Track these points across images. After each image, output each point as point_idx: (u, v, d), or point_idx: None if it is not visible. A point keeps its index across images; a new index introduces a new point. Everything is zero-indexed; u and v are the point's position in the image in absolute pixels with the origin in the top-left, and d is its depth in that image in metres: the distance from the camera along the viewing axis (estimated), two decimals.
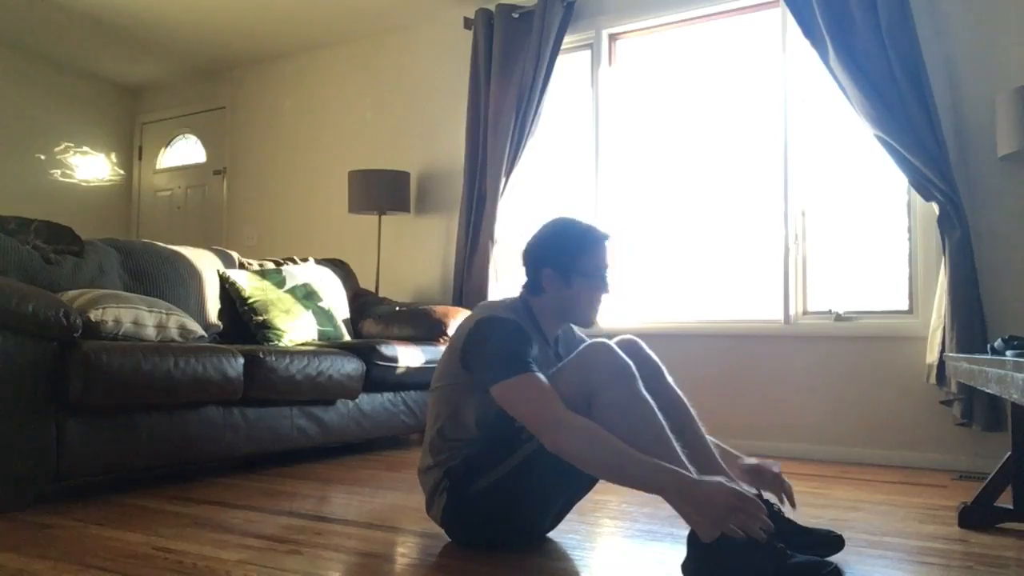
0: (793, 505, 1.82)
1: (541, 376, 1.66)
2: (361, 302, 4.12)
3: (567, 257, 1.85)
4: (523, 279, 1.94)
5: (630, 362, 1.69)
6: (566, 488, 1.82)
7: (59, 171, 5.57)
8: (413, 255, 4.69)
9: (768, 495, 1.84)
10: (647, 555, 1.85)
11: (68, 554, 1.72)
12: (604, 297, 1.91)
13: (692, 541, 1.55)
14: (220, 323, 3.42)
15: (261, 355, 2.85)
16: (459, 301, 4.22)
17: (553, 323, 1.93)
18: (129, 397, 2.41)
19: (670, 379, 1.91)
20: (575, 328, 2.05)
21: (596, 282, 1.88)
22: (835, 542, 1.77)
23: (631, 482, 1.59)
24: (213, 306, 3.42)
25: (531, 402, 1.63)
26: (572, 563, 1.76)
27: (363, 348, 3.30)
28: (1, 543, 1.82)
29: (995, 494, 2.11)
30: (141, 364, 2.42)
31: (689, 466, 1.58)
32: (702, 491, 1.51)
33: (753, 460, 1.89)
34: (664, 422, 1.63)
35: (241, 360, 2.76)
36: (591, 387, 1.65)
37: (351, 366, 3.18)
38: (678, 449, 1.60)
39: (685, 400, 1.89)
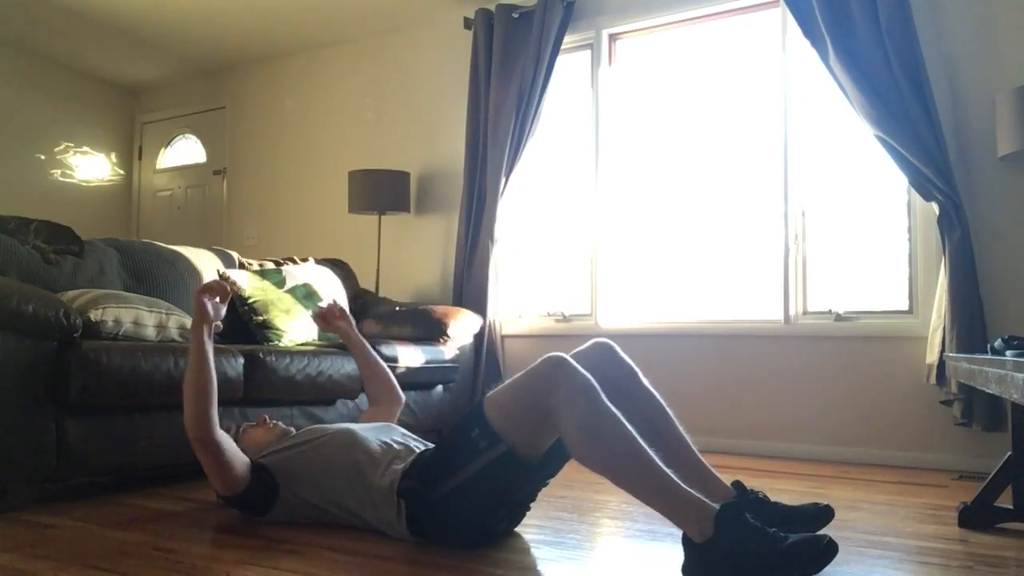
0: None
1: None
2: (361, 302, 4.11)
3: None
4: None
5: (588, 376, 1.64)
6: (524, 483, 1.82)
7: (59, 171, 5.57)
8: (413, 255, 4.69)
9: (754, 487, 1.84)
10: (647, 555, 1.85)
11: (68, 554, 1.72)
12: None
13: (687, 542, 1.54)
14: (220, 323, 3.40)
15: (261, 355, 2.85)
16: (459, 301, 4.22)
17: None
18: (129, 397, 2.41)
19: (646, 381, 1.91)
20: None
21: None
22: (824, 514, 1.78)
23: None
24: None
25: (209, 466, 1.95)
26: (572, 563, 1.76)
27: None
28: (1, 543, 1.82)
29: (995, 494, 2.11)
30: (141, 364, 2.42)
31: (668, 471, 1.57)
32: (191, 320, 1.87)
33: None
34: (634, 433, 1.59)
35: (241, 360, 2.76)
36: (548, 407, 1.62)
37: (351, 366, 3.18)
38: (654, 457, 1.57)
39: (662, 402, 1.90)
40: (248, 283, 3.49)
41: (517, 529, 1.98)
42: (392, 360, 3.34)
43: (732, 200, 3.85)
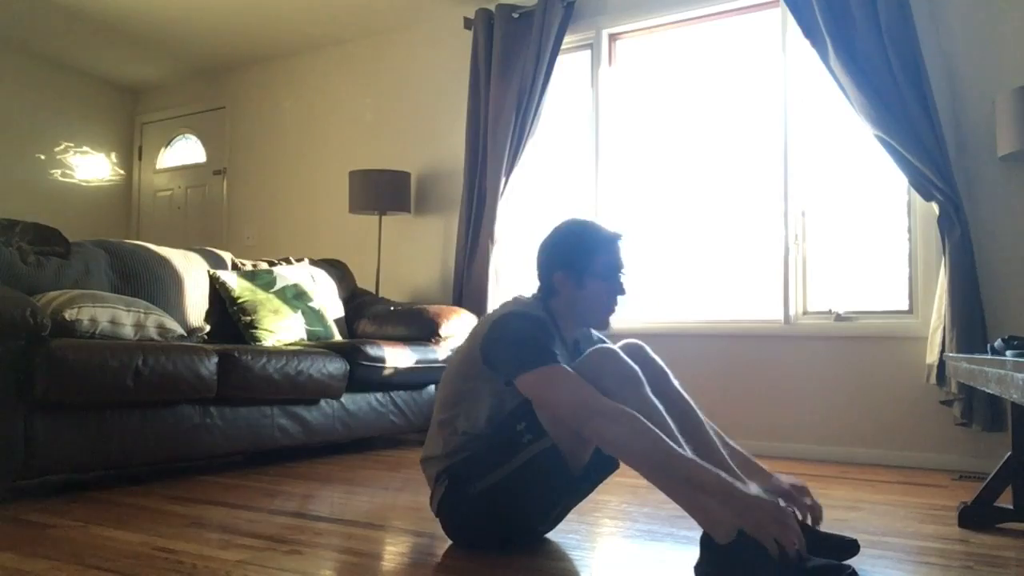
0: (817, 523, 1.74)
1: (569, 368, 1.64)
2: (358, 302, 4.12)
3: (579, 259, 1.82)
4: (534, 281, 1.91)
5: (636, 367, 1.67)
6: (564, 492, 1.81)
7: (59, 171, 5.57)
8: (413, 255, 4.69)
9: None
10: (647, 555, 1.85)
11: (68, 554, 1.72)
12: (620, 299, 1.86)
13: (706, 543, 1.53)
14: (209, 324, 3.43)
15: (236, 354, 2.85)
16: (459, 301, 4.22)
17: (569, 325, 1.90)
18: (97, 394, 2.42)
19: (676, 382, 1.89)
20: (593, 332, 2.01)
21: (610, 284, 1.83)
22: (850, 546, 1.76)
23: (672, 473, 1.53)
24: (203, 307, 3.43)
25: (569, 391, 1.60)
26: (572, 563, 1.75)
27: (347, 348, 3.28)
28: (1, 543, 1.82)
29: (995, 494, 2.11)
30: (108, 361, 2.42)
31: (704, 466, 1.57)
32: (747, 497, 1.47)
33: (784, 481, 1.81)
34: (674, 426, 1.61)
35: (215, 359, 2.77)
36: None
37: (333, 366, 3.17)
38: (690, 453, 1.57)
39: (692, 403, 1.87)
40: (237, 284, 3.50)
41: None
42: (378, 360, 3.34)
43: (732, 200, 3.85)
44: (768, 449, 3.51)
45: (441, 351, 3.71)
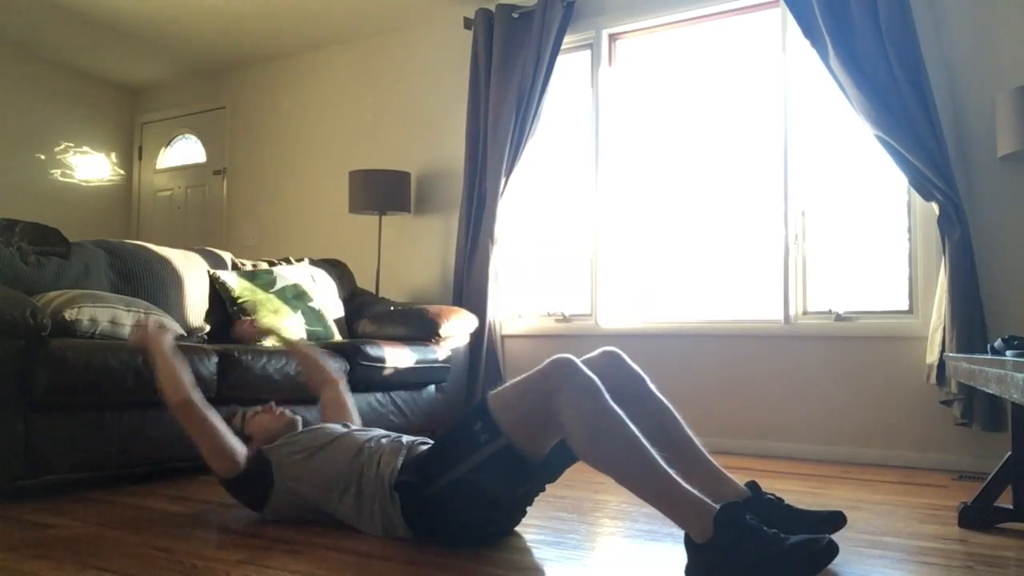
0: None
1: None
2: (358, 302, 4.11)
3: None
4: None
5: (593, 376, 1.65)
6: (523, 483, 1.82)
7: (59, 171, 5.57)
8: (413, 255, 4.69)
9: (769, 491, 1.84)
10: (647, 555, 1.85)
11: (68, 554, 1.72)
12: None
13: (688, 543, 1.55)
14: (209, 324, 3.42)
15: (236, 354, 2.85)
16: (459, 301, 4.22)
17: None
18: (97, 394, 2.42)
19: (653, 387, 1.92)
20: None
21: None
22: (835, 518, 1.78)
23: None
24: (203, 307, 3.42)
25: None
26: (572, 563, 1.75)
27: (347, 348, 3.28)
28: (1, 543, 1.82)
29: (995, 494, 2.11)
30: (108, 361, 2.43)
31: (670, 471, 1.57)
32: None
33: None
34: (636, 431, 1.60)
35: (215, 359, 2.77)
36: (553, 406, 1.63)
37: (334, 366, 3.16)
38: (656, 457, 1.58)
39: (670, 406, 1.90)
40: (237, 284, 3.50)
41: (517, 529, 1.98)
42: (378, 360, 3.33)
43: (732, 200, 3.85)
44: (768, 449, 3.51)
45: (441, 351, 3.70)
